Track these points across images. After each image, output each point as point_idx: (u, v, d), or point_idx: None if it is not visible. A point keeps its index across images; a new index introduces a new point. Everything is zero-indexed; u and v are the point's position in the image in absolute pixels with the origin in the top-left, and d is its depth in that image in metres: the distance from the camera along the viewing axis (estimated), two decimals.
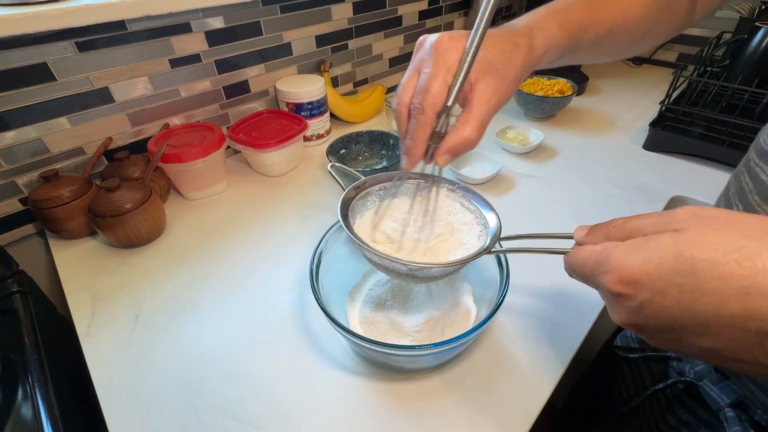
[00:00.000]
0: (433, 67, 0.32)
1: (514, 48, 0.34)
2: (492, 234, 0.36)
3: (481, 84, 0.32)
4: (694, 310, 0.20)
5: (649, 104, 0.95)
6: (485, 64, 0.32)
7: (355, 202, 0.41)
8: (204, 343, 0.46)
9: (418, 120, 0.32)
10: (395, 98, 0.35)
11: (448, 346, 0.35)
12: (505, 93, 0.34)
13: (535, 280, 0.52)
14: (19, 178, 0.59)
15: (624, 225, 0.25)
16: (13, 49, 0.52)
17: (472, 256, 0.35)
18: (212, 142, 0.65)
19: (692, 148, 0.74)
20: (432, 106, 0.32)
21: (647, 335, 0.23)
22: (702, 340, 0.20)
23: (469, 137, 0.32)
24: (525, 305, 0.49)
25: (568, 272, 0.28)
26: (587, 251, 0.26)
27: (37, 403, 0.39)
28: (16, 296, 0.49)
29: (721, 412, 0.37)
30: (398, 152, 0.73)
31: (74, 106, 0.60)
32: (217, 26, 0.68)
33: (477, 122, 0.32)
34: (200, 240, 0.61)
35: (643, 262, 0.21)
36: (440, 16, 1.07)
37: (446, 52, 0.32)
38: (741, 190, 0.37)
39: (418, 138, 0.33)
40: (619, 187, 0.69)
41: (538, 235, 0.35)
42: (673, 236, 0.21)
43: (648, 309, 0.21)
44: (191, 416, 0.39)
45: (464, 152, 0.33)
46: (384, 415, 0.39)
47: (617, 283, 0.22)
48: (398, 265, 0.35)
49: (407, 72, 0.35)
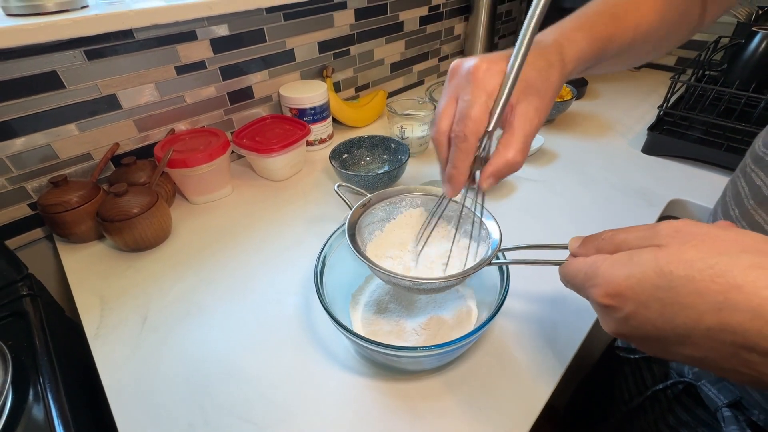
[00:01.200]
0: (473, 93, 0.31)
1: (549, 66, 0.34)
2: (494, 245, 0.38)
3: (522, 105, 0.32)
4: (675, 322, 0.21)
5: (648, 108, 0.96)
6: (524, 85, 0.32)
7: (361, 220, 0.42)
8: (210, 345, 0.47)
9: (461, 148, 0.32)
10: (433, 127, 0.34)
11: (449, 348, 0.36)
12: (545, 111, 0.33)
13: (534, 282, 0.52)
14: (29, 184, 0.60)
15: (612, 238, 0.26)
16: (25, 58, 0.54)
17: (472, 269, 0.36)
18: (217, 148, 0.66)
19: (690, 151, 0.75)
20: (474, 133, 0.31)
21: (636, 343, 0.25)
22: (684, 349, 0.22)
23: (514, 159, 0.32)
24: (525, 307, 0.50)
25: (563, 282, 0.30)
26: (579, 263, 0.27)
27: (49, 404, 0.40)
28: (26, 299, 0.50)
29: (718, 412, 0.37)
30: (400, 156, 0.74)
31: (83, 113, 0.61)
32: (222, 34, 0.70)
33: (521, 143, 0.32)
34: (205, 243, 0.62)
35: (627, 276, 0.23)
36: (441, 21, 1.08)
37: (485, 78, 0.31)
38: (737, 195, 0.38)
39: (462, 166, 0.33)
40: (619, 190, 0.70)
41: (536, 246, 0.36)
42: (654, 252, 0.22)
43: (633, 320, 0.23)
44: (198, 416, 0.40)
45: (508, 175, 0.33)
46: (386, 416, 0.40)
47: (604, 295, 0.24)
48: (404, 281, 0.37)
49: (443, 99, 0.34)
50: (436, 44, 1.12)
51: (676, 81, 0.75)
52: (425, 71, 1.14)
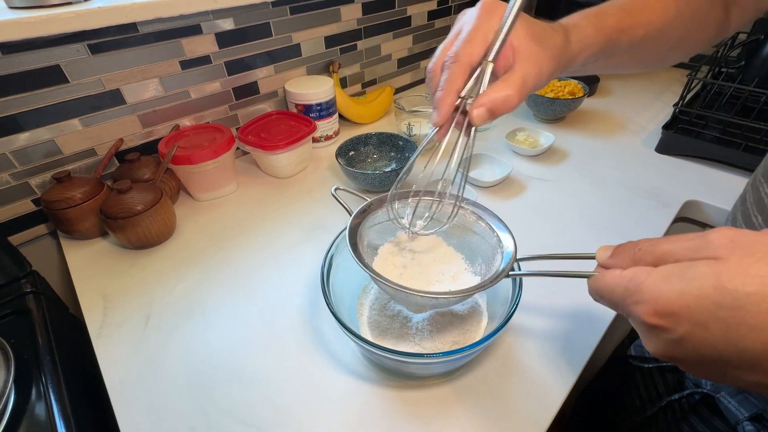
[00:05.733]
0: (475, 23, 0.30)
1: (554, 32, 0.33)
2: (508, 257, 0.36)
3: (524, 49, 0.31)
4: (741, 345, 0.19)
5: (662, 106, 0.93)
6: (529, 33, 0.31)
7: (362, 226, 0.40)
8: (213, 346, 0.46)
9: (451, 69, 0.30)
10: (431, 60, 0.32)
11: (458, 355, 0.34)
12: (546, 65, 0.32)
13: (546, 289, 0.51)
14: (32, 179, 0.60)
15: (653, 248, 0.23)
16: (27, 52, 0.53)
17: (488, 282, 0.34)
18: (222, 144, 0.65)
19: (706, 151, 0.73)
20: (468, 55, 0.29)
21: (686, 367, 0.22)
22: (750, 375, 0.20)
23: (510, 94, 0.29)
24: (536, 313, 0.49)
25: (593, 297, 0.27)
26: (615, 277, 0.24)
27: (51, 403, 0.39)
28: (29, 296, 0.50)
29: (739, 426, 0.36)
30: (408, 154, 0.73)
31: (86, 108, 0.60)
32: (228, 28, 0.69)
33: (521, 80, 0.30)
34: (210, 241, 0.61)
35: (681, 293, 0.20)
36: (449, 16, 1.06)
37: (490, 12, 0.30)
38: (760, 201, 0.36)
39: (451, 88, 0.30)
40: (631, 191, 0.68)
41: (557, 256, 0.34)
42: (713, 266, 0.20)
43: (689, 342, 0.20)
44: (200, 419, 0.40)
45: (501, 113, 0.30)
46: (393, 423, 0.39)
47: (652, 314, 0.21)
48: (414, 297, 0.34)
49: (447, 38, 0.32)
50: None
51: (693, 78, 0.73)
52: None
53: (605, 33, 0.37)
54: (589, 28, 0.36)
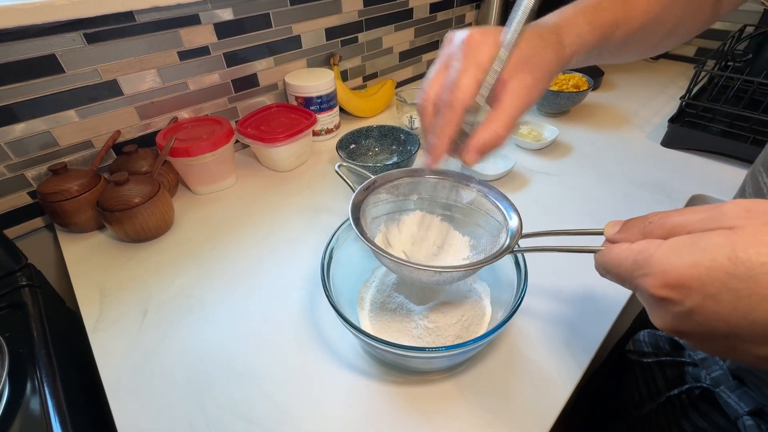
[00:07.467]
0: (464, 62, 0.30)
1: (545, 45, 0.32)
2: (512, 232, 0.35)
3: (514, 81, 0.31)
4: (752, 317, 0.18)
5: (667, 100, 0.92)
6: (517, 61, 0.31)
7: (365, 203, 0.39)
8: (211, 341, 0.46)
9: (445, 116, 0.31)
10: (419, 93, 0.33)
11: (462, 350, 0.34)
12: (537, 90, 0.32)
13: (551, 281, 0.50)
14: (28, 171, 0.59)
15: (664, 221, 0.23)
16: (22, 41, 0.52)
17: (493, 257, 0.33)
18: (221, 137, 0.64)
19: (713, 145, 0.72)
20: (461, 102, 0.30)
21: (695, 341, 0.21)
22: (760, 349, 0.19)
23: (498, 132, 0.30)
24: (541, 307, 0.48)
25: (599, 272, 0.26)
26: (623, 250, 0.23)
27: (46, 398, 0.39)
28: (25, 290, 0.49)
29: (739, 420, 0.35)
30: (410, 147, 0.72)
31: (83, 99, 0.59)
32: (226, 18, 0.67)
33: (507, 117, 0.31)
34: (208, 235, 0.60)
35: (693, 264, 0.19)
36: (452, 8, 1.05)
37: (478, 48, 0.30)
38: (759, 191, 0.36)
39: (444, 134, 0.31)
40: (637, 185, 0.67)
41: (563, 232, 0.33)
42: (727, 235, 0.19)
43: (698, 315, 0.20)
44: (198, 415, 0.39)
45: (493, 149, 0.31)
46: (396, 418, 0.38)
47: (662, 286, 0.20)
48: (416, 271, 0.34)
49: (434, 66, 0.33)
50: (447, 32, 1.08)
51: (701, 70, 0.72)
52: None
53: (601, 29, 0.36)
54: (584, 25, 0.35)
